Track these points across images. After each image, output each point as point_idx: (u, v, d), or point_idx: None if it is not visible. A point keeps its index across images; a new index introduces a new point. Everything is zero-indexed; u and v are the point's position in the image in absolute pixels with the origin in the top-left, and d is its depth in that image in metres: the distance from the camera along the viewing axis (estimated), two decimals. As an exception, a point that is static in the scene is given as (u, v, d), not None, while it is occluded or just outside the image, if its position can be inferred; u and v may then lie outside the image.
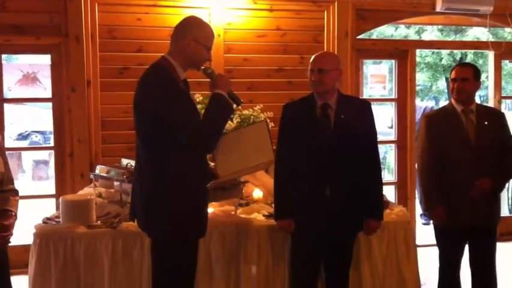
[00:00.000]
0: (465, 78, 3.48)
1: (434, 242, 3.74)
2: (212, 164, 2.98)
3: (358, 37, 5.58)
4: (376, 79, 6.81)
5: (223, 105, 2.66)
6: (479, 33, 14.43)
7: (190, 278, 2.79)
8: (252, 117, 4.29)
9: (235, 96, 2.75)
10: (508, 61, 11.53)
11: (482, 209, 3.42)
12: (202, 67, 2.76)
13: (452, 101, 3.56)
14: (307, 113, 3.08)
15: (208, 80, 2.76)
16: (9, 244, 3.07)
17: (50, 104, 5.19)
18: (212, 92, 2.69)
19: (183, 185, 2.60)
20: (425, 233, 6.13)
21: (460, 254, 3.60)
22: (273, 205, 3.25)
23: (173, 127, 2.50)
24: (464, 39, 14.96)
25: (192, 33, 2.64)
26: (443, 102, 19.29)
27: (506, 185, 6.80)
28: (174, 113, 2.49)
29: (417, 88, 6.24)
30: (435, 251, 3.71)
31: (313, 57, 3.11)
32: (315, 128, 3.04)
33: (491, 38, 6.03)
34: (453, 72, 3.56)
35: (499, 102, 6.13)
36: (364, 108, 3.15)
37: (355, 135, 3.03)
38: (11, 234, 2.96)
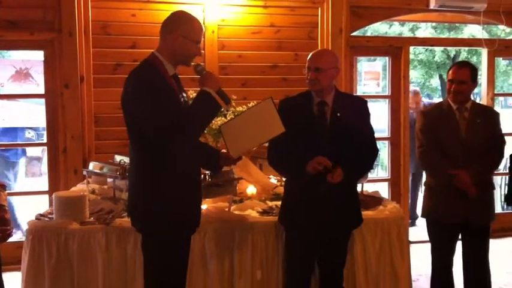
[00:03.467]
0: (462, 81, 3.50)
1: (427, 238, 3.76)
2: (224, 150, 2.97)
3: (352, 34, 5.58)
4: (370, 76, 6.83)
5: (208, 103, 2.63)
6: (474, 31, 14.49)
7: (181, 274, 2.79)
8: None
9: (224, 94, 2.72)
10: (501, 58, 11.56)
11: (474, 205, 3.44)
12: (193, 63, 2.75)
13: (449, 99, 3.59)
14: (303, 110, 3.07)
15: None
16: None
17: (43, 100, 5.17)
18: (200, 89, 2.68)
19: (170, 180, 2.60)
20: (418, 229, 6.15)
21: (452, 250, 3.63)
22: (286, 176, 3.27)
23: (154, 121, 2.49)
24: (459, 36, 15.00)
25: (180, 28, 2.63)
26: (436, 100, 19.37)
27: (499, 181, 6.91)
28: (155, 108, 2.48)
29: (411, 85, 6.27)
30: (429, 247, 3.73)
31: (310, 54, 3.08)
32: (311, 125, 3.03)
33: (485, 36, 6.04)
34: (450, 73, 3.57)
35: (492, 100, 6.15)
36: (360, 106, 3.15)
37: (351, 132, 3.01)
38: (12, 228, 2.94)
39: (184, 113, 2.60)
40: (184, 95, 2.76)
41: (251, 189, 3.85)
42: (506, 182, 7.20)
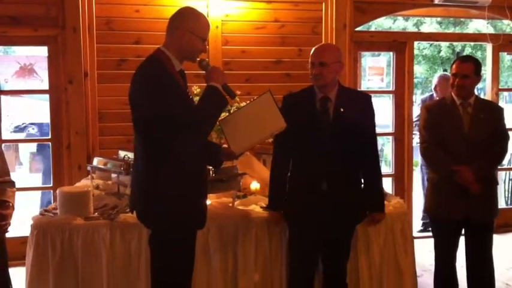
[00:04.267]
0: (466, 75, 3.48)
1: (431, 234, 3.76)
2: (224, 145, 2.97)
3: (357, 29, 5.56)
4: (374, 71, 6.80)
5: (216, 98, 2.64)
6: (480, 25, 14.42)
7: (188, 270, 2.79)
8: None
9: (229, 89, 2.73)
10: (506, 53, 11.53)
11: (477, 201, 3.43)
12: (198, 59, 2.75)
13: (452, 93, 3.57)
14: (306, 106, 3.07)
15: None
16: (7, 235, 3.09)
17: (47, 96, 5.18)
18: (207, 84, 2.68)
19: (178, 175, 2.59)
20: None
21: (455, 245, 3.61)
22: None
23: (163, 119, 2.49)
24: (465, 31, 14.94)
25: (187, 24, 2.63)
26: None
27: (504, 176, 6.90)
28: (164, 106, 2.48)
29: (415, 81, 6.27)
30: (432, 243, 3.72)
31: (313, 49, 3.08)
32: (314, 121, 3.03)
33: (490, 30, 6.01)
34: (454, 67, 3.55)
35: (497, 95, 6.13)
36: (364, 102, 3.14)
37: (354, 128, 3.01)
38: (9, 224, 2.99)
39: (193, 110, 2.60)
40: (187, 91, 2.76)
41: (255, 185, 3.85)
42: (511, 178, 7.21)
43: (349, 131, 3.00)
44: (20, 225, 3.72)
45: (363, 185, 3.15)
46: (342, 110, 3.02)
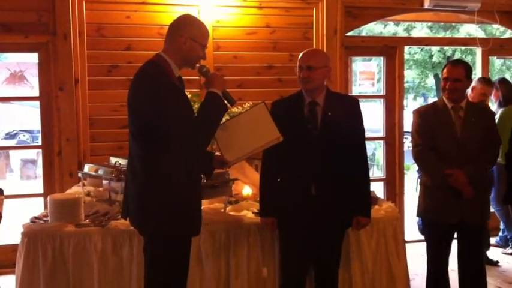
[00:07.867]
0: (457, 78, 3.50)
1: (423, 238, 3.76)
2: (217, 153, 2.96)
3: (347, 34, 5.59)
4: (365, 76, 6.83)
5: (217, 105, 2.65)
6: (471, 30, 14.50)
7: (183, 276, 2.78)
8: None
9: (229, 95, 2.75)
10: (495, 57, 11.60)
11: (470, 205, 3.45)
12: (198, 65, 2.76)
13: (444, 97, 3.59)
14: (295, 111, 3.08)
15: (200, 78, 2.77)
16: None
17: (37, 103, 5.16)
18: (207, 90, 2.68)
19: (175, 181, 2.58)
20: (414, 228, 6.16)
21: (447, 249, 3.63)
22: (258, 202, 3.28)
23: (165, 124, 2.48)
24: (456, 36, 15.01)
25: (188, 31, 2.65)
26: (431, 99, 19.39)
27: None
28: (166, 111, 2.48)
29: (406, 85, 6.30)
30: (424, 247, 3.73)
31: (301, 54, 3.10)
32: (302, 125, 3.04)
33: (480, 35, 6.06)
34: (445, 71, 3.58)
35: (487, 99, 6.16)
36: (352, 106, 3.14)
37: (342, 132, 3.02)
38: None
39: (195, 116, 2.61)
40: None
41: (247, 190, 3.85)
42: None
43: (337, 135, 3.01)
44: (11, 233, 3.69)
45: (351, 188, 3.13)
46: (329, 114, 3.03)
